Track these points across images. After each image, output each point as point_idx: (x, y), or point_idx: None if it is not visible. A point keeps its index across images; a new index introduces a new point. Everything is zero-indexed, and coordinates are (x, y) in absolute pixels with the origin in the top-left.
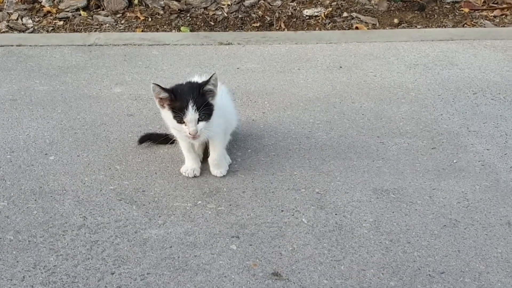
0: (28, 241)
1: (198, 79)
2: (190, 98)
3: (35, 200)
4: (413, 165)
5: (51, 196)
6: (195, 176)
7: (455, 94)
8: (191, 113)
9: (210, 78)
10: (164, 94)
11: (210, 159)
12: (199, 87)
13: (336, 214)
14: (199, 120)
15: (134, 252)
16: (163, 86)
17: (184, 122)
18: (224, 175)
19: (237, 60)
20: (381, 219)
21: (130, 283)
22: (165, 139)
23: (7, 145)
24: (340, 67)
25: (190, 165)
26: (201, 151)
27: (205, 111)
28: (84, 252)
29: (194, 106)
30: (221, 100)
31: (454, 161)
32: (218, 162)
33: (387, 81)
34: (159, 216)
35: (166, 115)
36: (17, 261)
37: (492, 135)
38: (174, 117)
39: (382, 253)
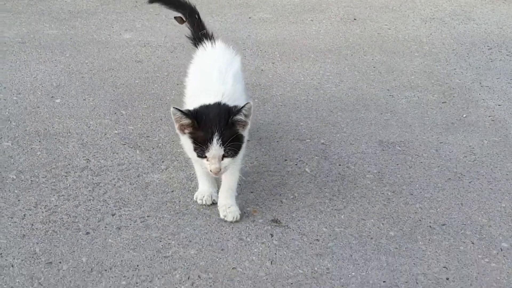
0: (31, 181)
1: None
2: (216, 129)
3: (39, 141)
4: (421, 119)
5: (56, 138)
6: (213, 203)
7: (470, 49)
8: (216, 148)
9: (243, 107)
10: (186, 121)
11: (223, 189)
12: (228, 114)
13: (339, 165)
14: (224, 157)
15: (136, 195)
16: (183, 109)
17: (206, 157)
18: (237, 220)
19: (250, 10)
20: (385, 170)
21: (130, 224)
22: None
23: (14, 87)
24: (354, 19)
25: (206, 190)
26: None
27: (232, 147)
28: (86, 194)
29: (220, 140)
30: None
31: (464, 115)
32: (232, 192)
33: (401, 34)
34: (162, 162)
35: (186, 143)
36: (19, 200)
37: (505, 90)
38: (195, 149)
39: (384, 204)
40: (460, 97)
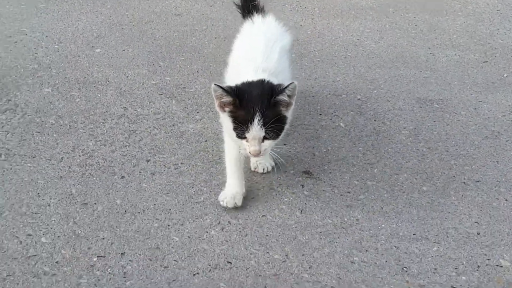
0: (69, 126)
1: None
2: (258, 109)
3: (78, 88)
4: (461, 77)
5: (94, 86)
6: (235, 207)
7: None
8: (256, 130)
9: (286, 87)
10: (227, 99)
11: None
12: (271, 93)
13: (375, 120)
14: (264, 138)
15: (170, 143)
16: (225, 86)
17: (246, 138)
18: (268, 172)
19: None
20: (421, 127)
21: (164, 170)
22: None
23: (55, 36)
24: None
25: (230, 190)
26: None
27: (274, 128)
28: (122, 140)
29: (261, 121)
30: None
31: (505, 75)
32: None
33: None
34: (197, 112)
35: (225, 121)
36: (57, 144)
37: None
38: (235, 129)
39: (418, 160)
40: (502, 57)
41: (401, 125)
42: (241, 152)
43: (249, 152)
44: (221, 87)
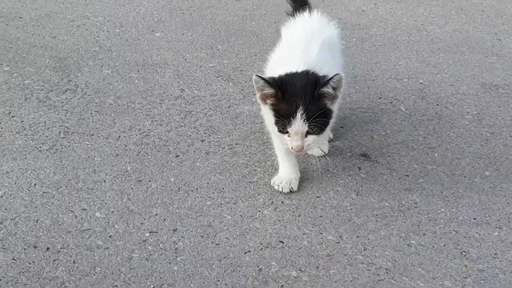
0: (127, 106)
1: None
2: (301, 102)
3: (137, 70)
4: None
5: (153, 69)
6: (290, 191)
7: None
8: (299, 124)
9: (331, 79)
10: (269, 90)
11: None
12: (315, 85)
13: (437, 105)
14: (307, 133)
15: (225, 124)
16: (267, 78)
17: (287, 132)
18: (325, 155)
19: None
20: (485, 112)
21: (218, 150)
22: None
23: (117, 20)
24: None
25: (286, 176)
26: None
27: (318, 123)
28: (178, 120)
29: (304, 115)
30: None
31: None
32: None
33: None
34: (253, 94)
35: (267, 114)
36: (115, 123)
37: None
38: (276, 123)
39: (481, 144)
40: None
41: (464, 110)
42: (283, 146)
43: (291, 148)
44: (263, 78)
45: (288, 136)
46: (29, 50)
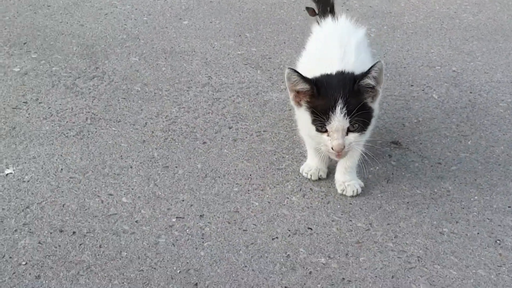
0: (154, 93)
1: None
2: (340, 96)
3: (165, 58)
4: None
5: (181, 56)
6: (319, 179)
7: None
8: (339, 119)
9: (372, 68)
10: (303, 85)
11: (341, 165)
12: (354, 80)
13: (471, 93)
14: (349, 131)
15: (253, 111)
16: (302, 74)
17: (326, 131)
18: (358, 194)
19: None
20: None
21: (246, 137)
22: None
23: (145, 9)
24: None
25: (315, 165)
26: None
27: (360, 118)
28: (205, 107)
29: (344, 109)
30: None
31: None
32: (351, 170)
33: None
34: (282, 82)
35: (303, 117)
36: (142, 109)
37: None
38: (314, 121)
39: None
40: None
41: (498, 98)
42: (321, 149)
43: (331, 148)
44: (296, 72)
45: (327, 135)
46: (57, 37)
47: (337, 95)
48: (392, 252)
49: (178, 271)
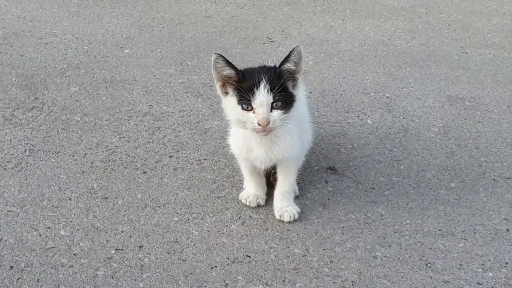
0: (94, 123)
1: None
2: (263, 76)
3: (105, 87)
4: (495, 76)
5: (121, 85)
6: (258, 206)
7: None
8: (263, 94)
9: (291, 53)
10: (229, 71)
11: (278, 190)
12: (274, 67)
13: (403, 118)
14: (273, 107)
15: (194, 140)
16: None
17: (252, 109)
18: (295, 220)
19: None
20: (451, 125)
21: (186, 166)
22: None
23: (85, 38)
24: None
25: (253, 191)
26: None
27: (282, 96)
28: (146, 136)
29: (268, 86)
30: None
31: None
32: (288, 195)
33: None
34: (223, 109)
35: (230, 103)
36: (81, 140)
37: None
38: (240, 101)
39: (447, 156)
40: None
41: (430, 123)
42: (248, 129)
43: (257, 124)
44: (223, 57)
45: (253, 113)
46: None
47: (261, 76)
48: (328, 277)
49: None
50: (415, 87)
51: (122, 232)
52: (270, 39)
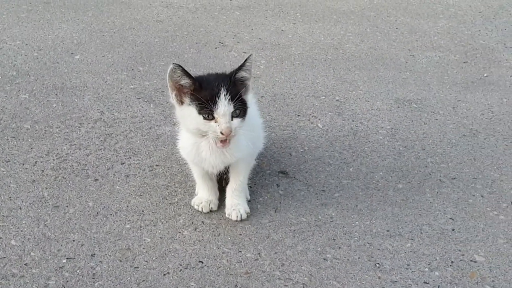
0: (44, 130)
1: None
2: (222, 85)
3: (56, 94)
4: (441, 78)
5: (72, 92)
6: (211, 211)
7: (497, 12)
8: (225, 104)
9: (245, 62)
10: (186, 81)
11: (229, 188)
12: (230, 74)
13: (353, 121)
14: (233, 116)
15: (146, 146)
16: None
17: (213, 118)
18: (242, 219)
19: None
20: (399, 126)
21: (139, 173)
22: None
23: (35, 44)
24: None
25: (205, 197)
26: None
27: (240, 105)
28: (97, 143)
29: (228, 95)
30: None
31: (485, 75)
32: (239, 193)
33: None
34: (175, 116)
35: (186, 112)
36: (31, 148)
37: None
38: (200, 111)
39: (394, 158)
40: (482, 57)
41: (378, 125)
42: (210, 137)
43: (220, 133)
44: (181, 67)
45: (215, 121)
46: None
47: (220, 85)
48: (279, 280)
49: None
50: (364, 90)
51: (73, 240)
52: (222, 43)
